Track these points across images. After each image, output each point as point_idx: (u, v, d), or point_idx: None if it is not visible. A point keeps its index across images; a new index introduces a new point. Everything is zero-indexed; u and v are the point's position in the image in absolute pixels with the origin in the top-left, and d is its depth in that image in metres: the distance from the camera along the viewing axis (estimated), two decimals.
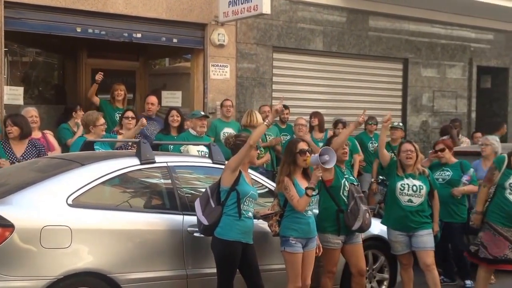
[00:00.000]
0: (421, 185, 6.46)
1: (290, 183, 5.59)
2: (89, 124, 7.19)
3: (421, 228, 6.43)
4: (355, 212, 6.02)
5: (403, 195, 6.47)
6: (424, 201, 6.47)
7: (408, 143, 6.66)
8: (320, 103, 11.30)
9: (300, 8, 11.04)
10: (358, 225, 6.01)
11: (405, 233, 6.46)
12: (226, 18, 9.73)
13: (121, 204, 5.37)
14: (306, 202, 5.53)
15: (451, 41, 13.28)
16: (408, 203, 6.44)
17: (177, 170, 5.65)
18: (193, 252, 5.40)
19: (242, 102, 10.34)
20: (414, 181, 6.47)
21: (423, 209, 6.48)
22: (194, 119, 8.02)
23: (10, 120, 7.04)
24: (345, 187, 6.13)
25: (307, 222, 5.65)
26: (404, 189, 6.46)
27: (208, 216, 5.23)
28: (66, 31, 8.82)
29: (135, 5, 9.16)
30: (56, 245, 4.75)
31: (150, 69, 12.00)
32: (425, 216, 6.49)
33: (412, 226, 6.42)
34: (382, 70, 12.38)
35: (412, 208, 6.42)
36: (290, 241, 5.57)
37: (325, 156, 5.51)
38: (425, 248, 6.42)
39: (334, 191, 6.11)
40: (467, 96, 13.66)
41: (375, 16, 12.01)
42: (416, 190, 6.44)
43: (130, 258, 5.09)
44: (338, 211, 6.06)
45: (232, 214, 5.26)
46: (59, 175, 5.17)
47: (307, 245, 5.68)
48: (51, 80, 12.10)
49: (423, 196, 6.45)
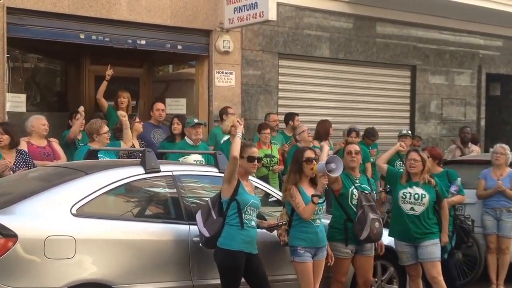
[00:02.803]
0: (424, 193, 6.34)
1: (296, 191, 5.55)
2: (93, 132, 7.10)
3: (426, 238, 6.32)
4: (362, 221, 5.93)
5: (405, 203, 6.38)
6: (427, 210, 6.35)
7: (415, 152, 6.55)
8: (326, 111, 11.20)
9: (306, 15, 10.96)
10: (366, 234, 5.91)
11: (410, 243, 6.36)
12: (232, 24, 9.67)
13: (126, 214, 5.34)
14: (312, 209, 5.47)
15: (459, 47, 13.19)
16: (410, 211, 6.34)
17: (182, 179, 5.59)
18: (199, 263, 5.34)
19: (248, 109, 10.23)
20: (417, 190, 6.37)
21: (428, 218, 6.35)
22: (188, 128, 7.87)
23: (1, 128, 6.89)
24: (354, 196, 6.05)
25: (315, 231, 5.58)
26: (406, 197, 6.38)
27: (209, 227, 5.18)
28: (69, 38, 8.78)
29: (140, 12, 9.11)
30: (60, 256, 4.70)
31: (154, 76, 11.90)
32: (430, 226, 6.37)
33: (416, 236, 6.31)
34: (389, 77, 12.30)
35: (414, 217, 6.32)
36: (298, 251, 5.52)
37: (332, 165, 5.47)
38: (430, 259, 6.32)
39: (342, 199, 6.05)
40: (476, 104, 13.57)
41: (382, 22, 11.93)
42: (418, 198, 6.34)
43: (135, 269, 5.02)
44: (346, 220, 5.99)
45: (234, 224, 5.20)
46: (63, 184, 5.12)
47: (317, 254, 5.63)
48: (53, 87, 12.04)
49: (425, 204, 6.33)
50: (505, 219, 7.74)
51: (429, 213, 6.37)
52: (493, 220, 7.80)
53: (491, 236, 7.80)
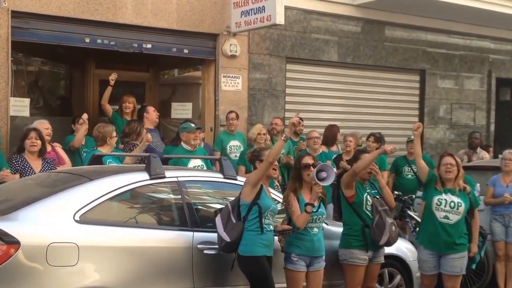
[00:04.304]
0: (460, 202, 6.15)
1: (294, 199, 5.51)
2: (106, 136, 7.07)
3: (454, 250, 6.14)
4: (381, 226, 5.87)
5: (439, 211, 6.17)
6: (461, 220, 6.17)
7: (449, 156, 6.30)
8: (334, 116, 11.12)
9: (314, 18, 10.87)
10: (385, 239, 5.87)
11: (437, 252, 6.19)
12: (239, 28, 9.61)
13: (130, 220, 5.27)
14: (305, 218, 5.40)
15: (469, 52, 13.08)
16: (444, 219, 6.14)
17: (187, 185, 5.52)
18: (202, 270, 5.26)
19: (254, 114, 10.14)
20: (453, 197, 6.16)
21: (460, 228, 6.17)
22: (185, 133, 7.64)
23: (35, 133, 6.81)
24: (368, 202, 5.97)
25: (311, 239, 5.51)
26: (441, 205, 6.17)
27: (229, 232, 5.14)
28: (74, 42, 8.73)
29: (146, 15, 9.06)
30: (62, 263, 4.64)
31: (160, 80, 11.85)
32: (460, 237, 6.18)
33: (445, 246, 6.13)
34: (398, 82, 12.20)
35: (448, 226, 6.13)
36: (292, 258, 5.46)
37: (323, 173, 5.37)
38: (452, 273, 6.17)
39: (357, 206, 5.96)
40: (486, 109, 13.44)
41: (391, 26, 11.84)
42: (454, 207, 6.14)
43: (138, 276, 4.95)
44: (363, 226, 5.90)
45: (254, 229, 5.18)
46: (67, 190, 5.06)
47: (312, 264, 5.53)
48: (57, 91, 12.02)
49: (461, 213, 6.14)
50: None
51: (462, 223, 6.18)
52: (501, 227, 7.71)
53: (499, 243, 7.72)
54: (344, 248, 5.86)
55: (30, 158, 6.80)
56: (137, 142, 7.66)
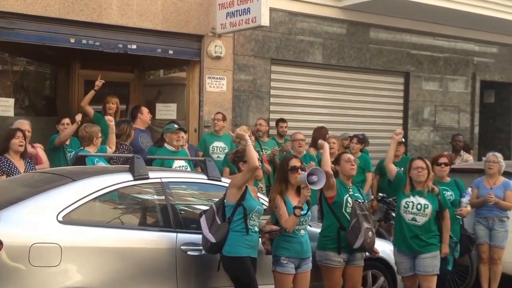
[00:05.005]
0: (427, 204, 6.23)
1: (281, 201, 5.47)
2: (93, 136, 7.09)
3: (425, 250, 6.22)
4: (356, 230, 5.84)
5: (407, 213, 6.27)
6: (429, 221, 6.24)
7: (420, 160, 6.40)
8: (319, 117, 11.14)
9: (299, 20, 10.90)
10: (360, 243, 5.83)
11: (410, 254, 6.27)
12: (224, 30, 9.61)
13: (113, 221, 5.26)
14: (294, 222, 5.39)
15: (454, 54, 13.14)
16: (412, 221, 6.24)
17: (171, 186, 5.53)
18: (186, 272, 5.26)
19: (239, 115, 10.15)
20: (420, 199, 6.24)
21: (429, 230, 6.25)
22: (168, 134, 7.69)
23: (21, 133, 6.78)
24: (348, 204, 5.96)
25: (299, 241, 5.50)
26: (408, 207, 6.27)
27: (215, 233, 5.15)
28: (59, 42, 8.70)
29: (131, 16, 9.04)
30: (45, 263, 4.63)
31: (144, 81, 11.82)
32: (430, 237, 6.26)
33: (415, 247, 6.22)
34: (383, 84, 12.23)
35: (416, 227, 6.22)
36: (281, 261, 5.43)
37: (314, 177, 5.36)
38: (425, 272, 6.22)
39: (336, 208, 5.95)
40: (470, 111, 13.51)
41: (376, 28, 11.88)
42: (420, 209, 6.22)
43: (121, 277, 4.95)
44: (339, 228, 5.90)
45: (240, 230, 5.19)
46: (50, 190, 5.05)
47: (300, 266, 5.53)
48: (42, 91, 11.95)
49: (428, 215, 6.22)
50: (497, 229, 7.67)
51: (431, 224, 6.25)
52: (485, 230, 7.73)
53: (483, 245, 7.73)
54: (319, 250, 5.85)
55: (14, 158, 6.77)
56: (126, 143, 7.67)
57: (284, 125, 9.82)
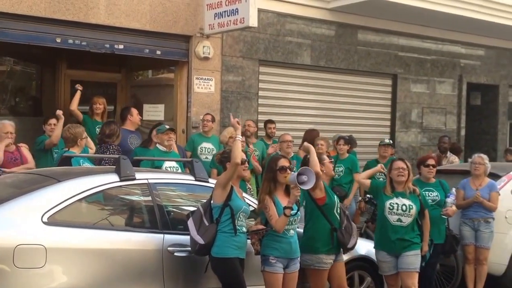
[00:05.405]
0: (411, 204, 6.31)
1: (270, 202, 5.46)
2: (77, 137, 7.00)
3: (408, 248, 6.29)
4: (349, 229, 5.94)
5: (392, 215, 6.32)
6: (413, 221, 6.33)
7: (400, 161, 6.52)
8: (307, 118, 11.15)
9: (287, 21, 10.88)
10: (353, 242, 5.93)
11: (393, 253, 6.33)
12: (212, 30, 9.57)
13: (99, 222, 5.21)
14: (284, 222, 5.38)
15: (441, 56, 13.20)
16: (398, 222, 6.29)
17: (158, 187, 5.50)
18: (173, 273, 5.24)
19: (227, 116, 10.10)
20: (404, 200, 6.32)
21: (413, 229, 6.34)
22: (159, 134, 7.70)
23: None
24: (338, 205, 6.00)
25: (288, 241, 5.50)
26: (393, 209, 6.32)
27: (203, 235, 5.14)
28: (46, 42, 8.62)
29: (118, 16, 8.98)
30: (29, 265, 4.59)
31: (132, 81, 11.76)
32: (414, 237, 6.35)
33: (400, 246, 6.29)
34: (370, 86, 12.25)
35: (401, 228, 6.28)
36: (270, 261, 5.42)
37: (303, 177, 5.35)
38: (408, 269, 6.28)
39: (327, 209, 5.92)
40: (456, 113, 13.57)
41: (364, 30, 11.90)
42: (405, 210, 6.29)
43: (107, 279, 4.91)
44: (332, 229, 5.88)
45: (228, 231, 5.20)
46: (35, 191, 5.02)
47: (289, 266, 5.52)
48: (28, 91, 11.83)
49: (413, 216, 6.30)
50: (483, 230, 7.72)
51: (414, 224, 6.34)
52: (471, 231, 7.78)
53: (468, 246, 7.78)
54: (309, 254, 5.79)
55: None
56: (115, 144, 7.62)
57: (273, 126, 9.81)
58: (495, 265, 7.93)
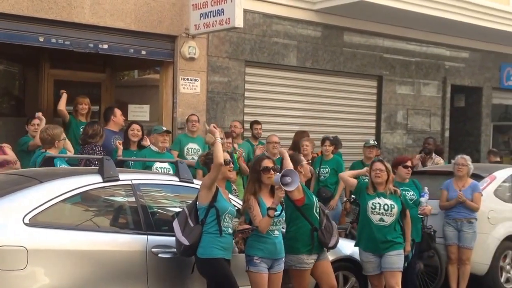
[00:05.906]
0: (393, 204, 6.37)
1: (255, 202, 5.47)
2: (55, 139, 6.84)
3: (391, 248, 6.34)
4: (329, 229, 5.96)
5: (374, 214, 6.38)
6: (395, 221, 6.39)
7: (379, 162, 6.58)
8: (293, 119, 11.16)
9: (274, 22, 10.87)
10: (334, 241, 5.94)
11: (376, 253, 6.37)
12: (197, 30, 9.53)
13: (82, 224, 5.14)
14: (268, 223, 5.39)
15: (425, 59, 13.27)
16: (380, 222, 6.35)
17: (142, 188, 5.45)
18: (157, 275, 5.19)
19: (213, 117, 10.07)
20: (386, 200, 6.38)
21: (395, 229, 6.39)
22: (155, 135, 7.72)
23: None
24: (317, 204, 6.01)
25: (273, 242, 5.50)
26: (375, 208, 6.38)
27: (188, 236, 5.12)
28: (28, 41, 8.52)
29: (102, 15, 8.91)
30: (10, 267, 4.54)
31: (116, 81, 11.67)
32: (396, 237, 6.40)
33: (383, 246, 6.33)
34: (356, 87, 12.28)
35: (384, 227, 6.33)
36: (254, 261, 5.43)
37: (287, 178, 5.37)
38: (391, 269, 6.32)
39: (307, 210, 5.92)
40: (440, 115, 13.65)
41: (349, 32, 11.91)
42: (387, 209, 6.35)
43: (90, 281, 4.86)
44: (312, 229, 5.88)
45: (213, 232, 5.18)
46: (16, 192, 4.96)
47: (273, 266, 5.52)
48: (11, 91, 11.70)
49: (395, 215, 6.36)
50: (466, 230, 7.77)
51: (396, 224, 6.40)
52: (454, 231, 7.83)
53: (452, 246, 7.85)
54: (291, 254, 5.78)
55: None
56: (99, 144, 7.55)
57: (259, 127, 9.78)
58: (478, 265, 8.00)
